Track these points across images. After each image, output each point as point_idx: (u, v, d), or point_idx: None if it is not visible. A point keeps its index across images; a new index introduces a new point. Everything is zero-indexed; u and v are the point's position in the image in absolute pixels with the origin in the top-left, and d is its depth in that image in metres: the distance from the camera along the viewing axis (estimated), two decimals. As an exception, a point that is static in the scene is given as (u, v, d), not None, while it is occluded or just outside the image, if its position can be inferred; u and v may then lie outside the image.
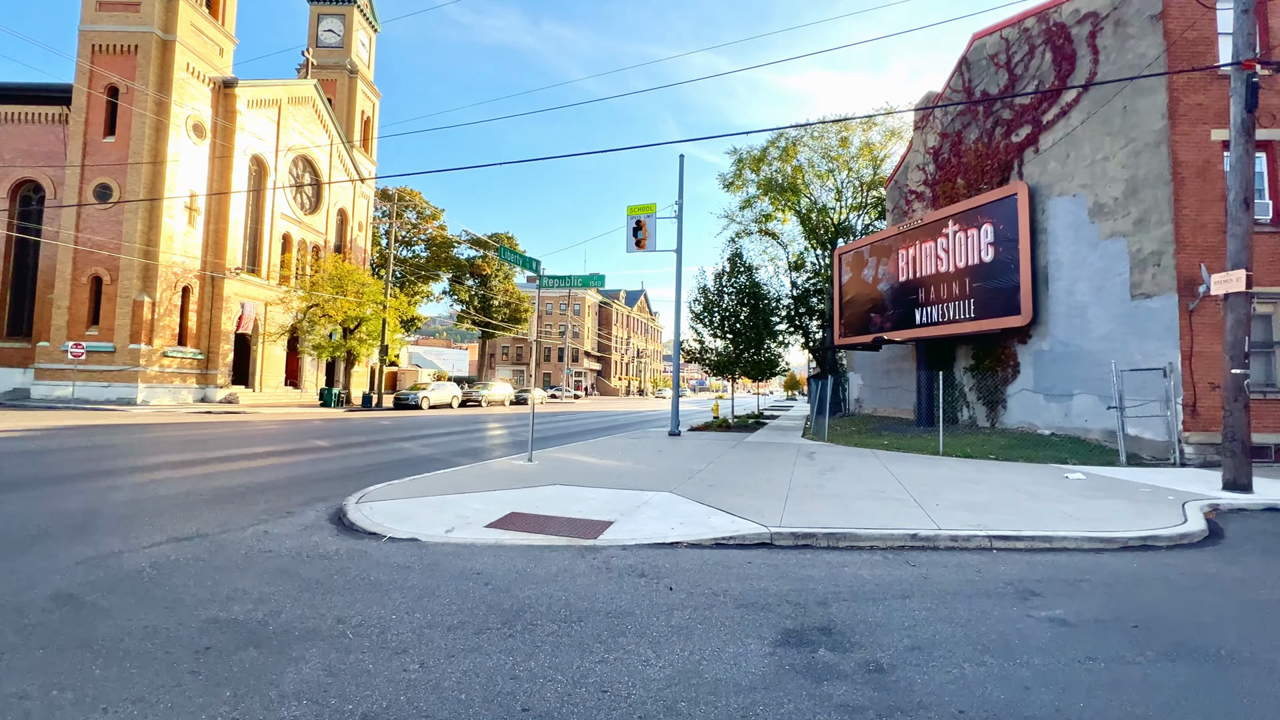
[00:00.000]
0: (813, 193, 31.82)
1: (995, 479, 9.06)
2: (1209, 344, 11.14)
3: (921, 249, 18.60)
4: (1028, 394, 15.28)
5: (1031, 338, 15.20)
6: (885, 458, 11.80)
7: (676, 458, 11.29)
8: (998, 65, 16.84)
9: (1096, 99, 13.26)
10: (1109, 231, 12.86)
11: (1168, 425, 11.22)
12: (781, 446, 14.02)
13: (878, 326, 20.53)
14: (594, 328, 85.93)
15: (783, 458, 11.62)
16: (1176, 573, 4.89)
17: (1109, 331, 12.78)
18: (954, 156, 18.95)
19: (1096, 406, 13.04)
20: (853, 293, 22.27)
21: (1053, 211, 14.57)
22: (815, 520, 6.07)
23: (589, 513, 6.48)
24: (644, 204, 16.86)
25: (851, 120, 29.43)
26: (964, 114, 18.45)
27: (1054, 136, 14.57)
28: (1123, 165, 12.54)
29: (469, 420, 23.78)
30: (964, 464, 10.92)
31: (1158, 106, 11.71)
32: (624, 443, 14.36)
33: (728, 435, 17.35)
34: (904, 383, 22.35)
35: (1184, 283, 11.22)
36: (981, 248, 16.38)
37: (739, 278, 21.07)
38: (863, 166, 30.33)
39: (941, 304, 17.68)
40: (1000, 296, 15.66)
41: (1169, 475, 9.78)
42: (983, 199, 16.34)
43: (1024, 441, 13.56)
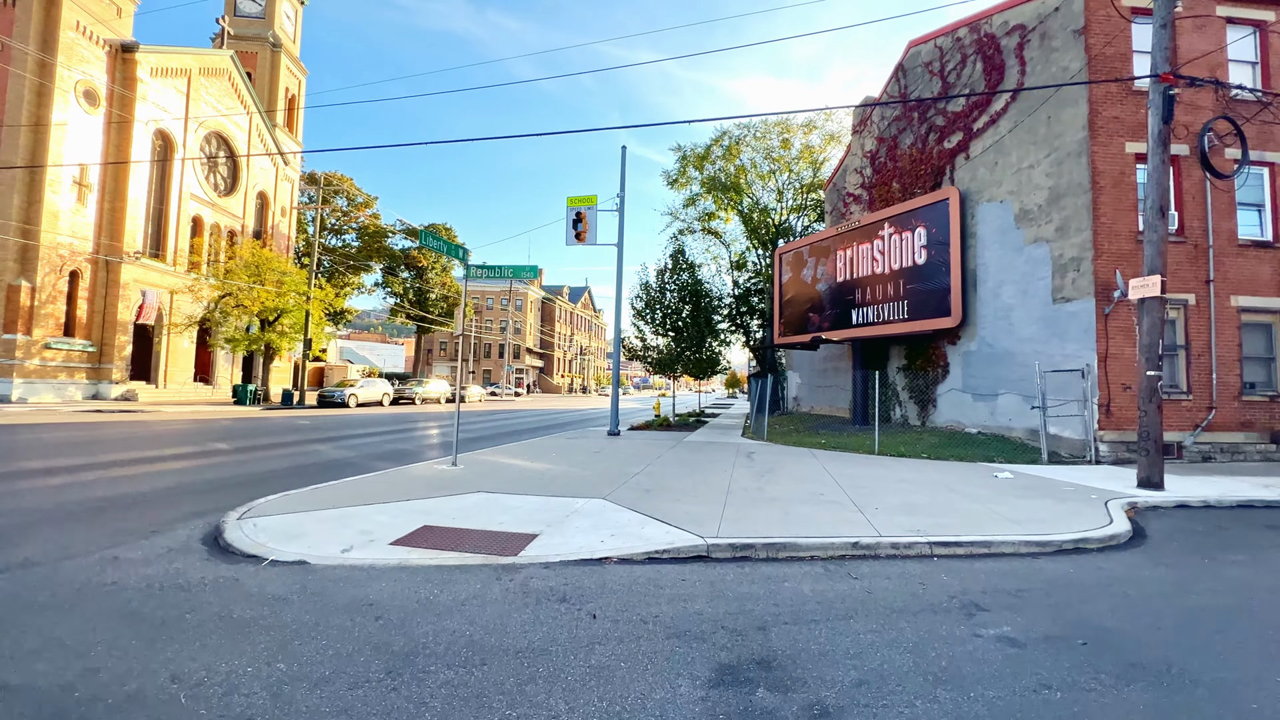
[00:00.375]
0: (755, 193, 32.07)
1: (929, 479, 9.08)
2: (1122, 347, 11.68)
3: (859, 250, 18.90)
4: (956, 393, 15.74)
5: (960, 339, 15.65)
6: (823, 458, 11.74)
7: (614, 460, 10.81)
8: (932, 73, 17.26)
9: (1023, 109, 13.71)
10: (1033, 237, 13.32)
11: (1085, 424, 11.70)
12: (721, 446, 13.80)
13: (816, 326, 20.77)
14: (536, 324, 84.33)
15: (722, 459, 11.36)
16: (1111, 577, 4.82)
17: (1032, 334, 13.25)
18: (890, 161, 19.35)
19: (1020, 406, 13.51)
20: (792, 292, 22.47)
21: (982, 216, 15.02)
22: (754, 529, 5.73)
23: (513, 524, 5.90)
24: (584, 195, 16.28)
25: (793, 122, 29.83)
26: (900, 119, 18.86)
27: (984, 144, 15.02)
28: (1046, 174, 13.00)
29: (399, 419, 22.46)
30: (899, 463, 10.99)
31: (1079, 118, 12.18)
32: (560, 443, 13.75)
33: (668, 435, 17.04)
34: (840, 382, 22.77)
35: (1101, 288, 11.71)
36: (915, 250, 16.75)
37: (681, 275, 20.83)
38: (803, 169, 30.80)
39: (877, 305, 18.00)
40: (932, 298, 16.05)
41: (1087, 473, 10.14)
42: (917, 202, 16.71)
43: (953, 440, 13.89)
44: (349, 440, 14.27)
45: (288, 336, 31.30)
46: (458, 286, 55.84)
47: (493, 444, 13.82)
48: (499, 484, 8.01)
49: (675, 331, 20.78)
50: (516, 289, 77.82)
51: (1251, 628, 3.83)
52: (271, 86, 40.97)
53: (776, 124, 29.70)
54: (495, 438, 16.05)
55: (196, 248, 33.26)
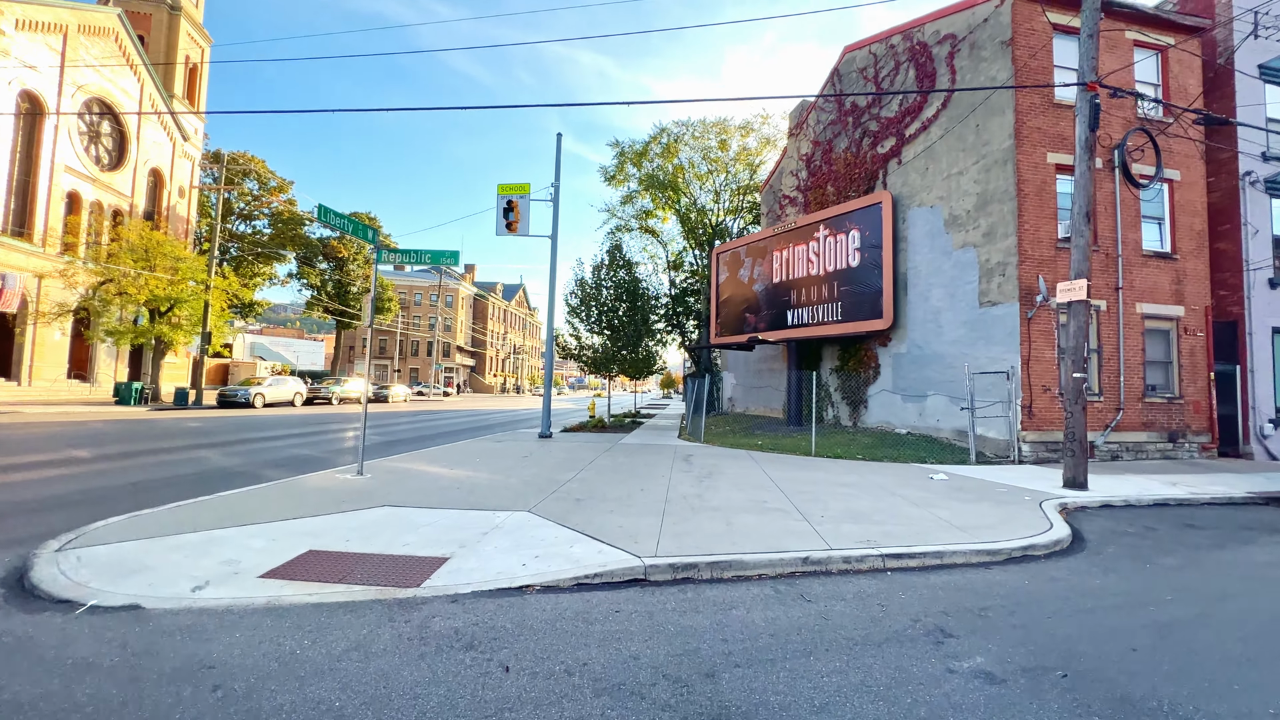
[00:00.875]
0: (693, 192, 31.96)
1: (869, 482, 8.89)
2: (1042, 350, 12.07)
3: (795, 251, 18.95)
4: (887, 394, 15.97)
5: (891, 341, 15.89)
6: (761, 460, 11.44)
7: (543, 465, 10.03)
8: (866, 78, 17.50)
9: (954, 116, 14.02)
10: (961, 242, 13.63)
11: (1009, 425, 12.00)
12: (658, 449, 13.28)
13: (752, 326, 20.71)
14: (468, 322, 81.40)
15: (659, 463, 10.82)
16: (1068, 589, 4.59)
17: (960, 336, 13.54)
18: (825, 164, 19.54)
19: (948, 407, 13.79)
20: (729, 292, 22.36)
21: (913, 221, 15.29)
22: (697, 544, 5.17)
23: (419, 545, 5.06)
24: (516, 183, 15.35)
25: (730, 124, 29.90)
26: (835, 124, 19.07)
27: (915, 150, 15.30)
28: (974, 180, 13.32)
29: (309, 421, 20.59)
30: (836, 465, 10.83)
31: (1006, 127, 12.52)
32: (486, 447, 12.79)
33: (603, 437, 16.37)
34: (774, 383, 22.87)
35: (1024, 292, 12.05)
36: (849, 253, 16.92)
37: (618, 271, 20.22)
38: (740, 170, 30.96)
39: (812, 306, 18.09)
40: (865, 300, 16.23)
41: (1014, 473, 10.32)
42: (851, 205, 16.87)
43: (885, 441, 14.01)
44: (243, 445, 12.70)
45: (183, 329, 28.23)
46: (384, 280, 52.88)
47: (411, 448, 12.68)
48: (409, 496, 7.08)
49: (611, 330, 20.14)
50: (447, 285, 74.74)
51: (1223, 644, 3.61)
52: (169, 53, 37.06)
53: (714, 124, 29.70)
54: (415, 441, 14.84)
55: (72, 227, 29.43)
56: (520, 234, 15.22)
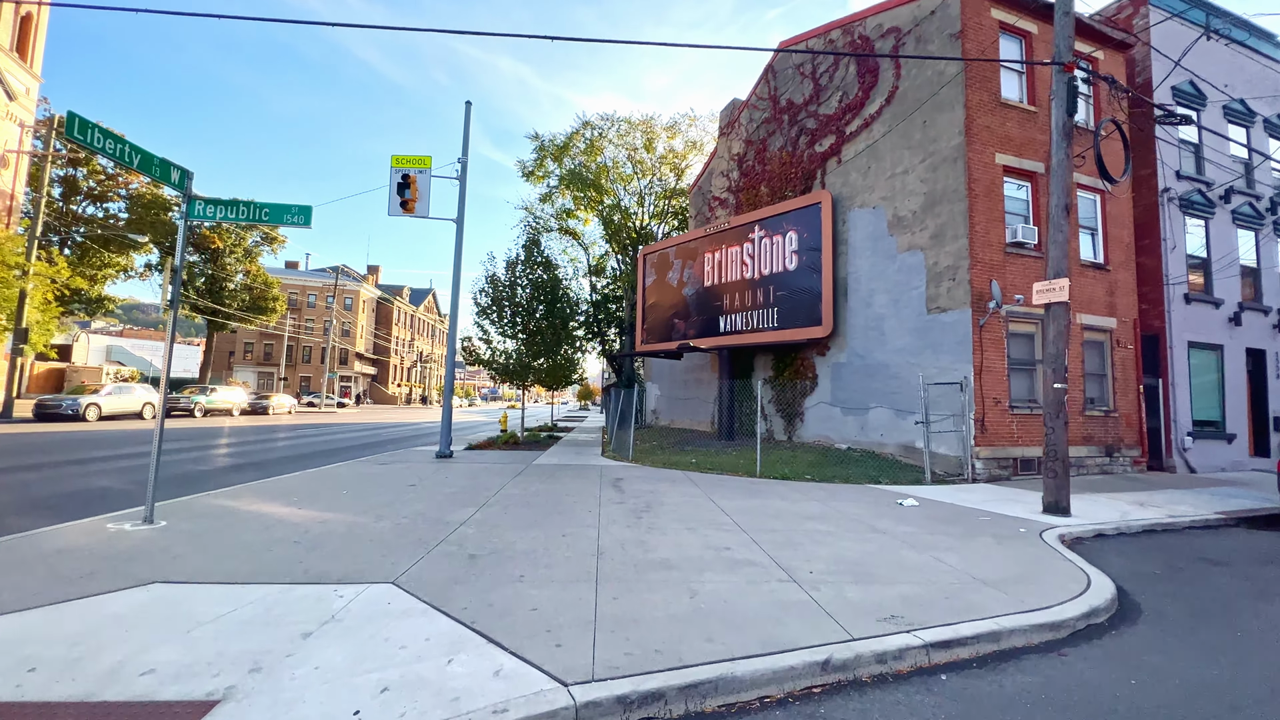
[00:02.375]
0: (616, 194, 30.42)
1: (838, 512, 7.44)
2: (994, 360, 11.34)
3: (728, 254, 17.74)
4: (825, 407, 14.94)
5: (830, 349, 14.91)
6: (704, 484, 9.79)
7: (433, 498, 7.79)
8: (803, 75, 16.67)
9: (898, 113, 13.28)
10: (907, 245, 12.82)
11: (962, 441, 11.14)
12: (580, 471, 11.32)
13: (681, 333, 19.28)
14: (370, 326, 75.15)
15: (583, 491, 8.88)
16: (1185, 687, 3.15)
17: (905, 345, 12.68)
18: (758, 164, 18.57)
19: (892, 421, 12.86)
20: (656, 297, 20.85)
21: (853, 223, 14.43)
22: (654, 640, 3.32)
23: (177, 671, 2.86)
24: (414, 155, 12.96)
25: (657, 123, 28.70)
26: (769, 121, 18.15)
27: (856, 148, 14.49)
28: (921, 179, 12.57)
29: (147, 439, 16.74)
30: (790, 489, 9.37)
31: (955, 123, 11.83)
32: (365, 472, 10.28)
33: (515, 455, 14.16)
34: (702, 394, 21.56)
35: (976, 297, 11.29)
36: (786, 255, 15.87)
37: (536, 269, 18.12)
38: (665, 173, 29.82)
39: (746, 312, 16.89)
40: (803, 306, 15.19)
41: (980, 494, 9.31)
42: (788, 205, 15.87)
43: (828, 457, 12.86)
44: (23, 473, 9.39)
45: (-12, 325, 22.80)
46: (268, 276, 46.86)
47: (268, 473, 9.91)
48: (211, 560, 4.71)
49: (528, 335, 17.96)
50: (346, 286, 68.64)
51: None
52: (-10, -6, 30.81)
53: (640, 122, 28.38)
54: (280, 464, 11.95)
55: None
56: (418, 215, 12.83)
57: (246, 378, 62.76)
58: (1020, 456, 11.51)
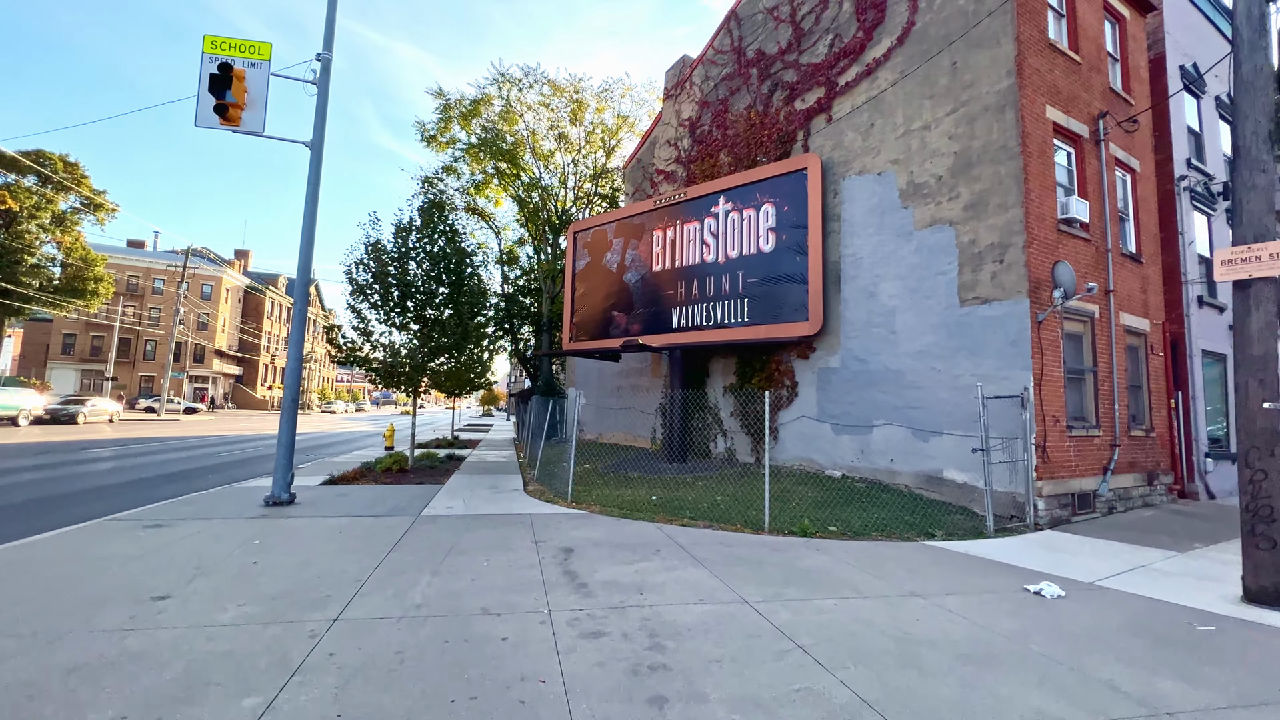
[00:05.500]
0: (535, 172, 26.31)
1: (970, 629, 4.15)
2: (1052, 367, 8.74)
3: (684, 231, 14.39)
4: (809, 423, 11.92)
5: (817, 351, 11.93)
6: (708, 556, 6.22)
7: (177, 653, 3.62)
8: (778, 19, 13.72)
9: (915, 54, 10.55)
10: (929, 219, 10.06)
11: (1022, 472, 8.38)
12: (501, 534, 7.36)
13: (622, 329, 15.67)
14: (235, 320, 64.67)
15: (514, 599, 5.00)
16: None
17: (927, 346, 9.88)
18: (717, 129, 15.43)
19: (908, 443, 10.01)
20: (589, 284, 17.11)
21: (850, 194, 11.56)
22: None
23: None
24: (244, 40, 8.40)
25: (586, 89, 24.99)
26: (733, 77, 15.07)
27: (854, 101, 11.65)
28: (949, 136, 9.86)
29: None
30: (838, 563, 6.03)
31: (1002, 61, 9.19)
32: (93, 553, 5.72)
33: (397, 496, 9.84)
34: (640, 403, 18.06)
35: (1034, 285, 8.63)
36: (760, 234, 12.77)
37: (438, 240, 13.81)
38: (594, 150, 26.15)
39: (707, 303, 13.61)
40: (782, 297, 12.14)
41: (1089, 558, 6.47)
42: (763, 172, 12.79)
43: (829, 492, 9.77)
44: None
45: None
46: (90, 251, 37.56)
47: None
48: None
49: (423, 325, 13.57)
50: (204, 271, 58.48)
51: None
52: None
53: (567, 86, 24.51)
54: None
55: None
56: (246, 130, 8.27)
57: (65, 377, 51.24)
58: (1078, 491, 8.97)
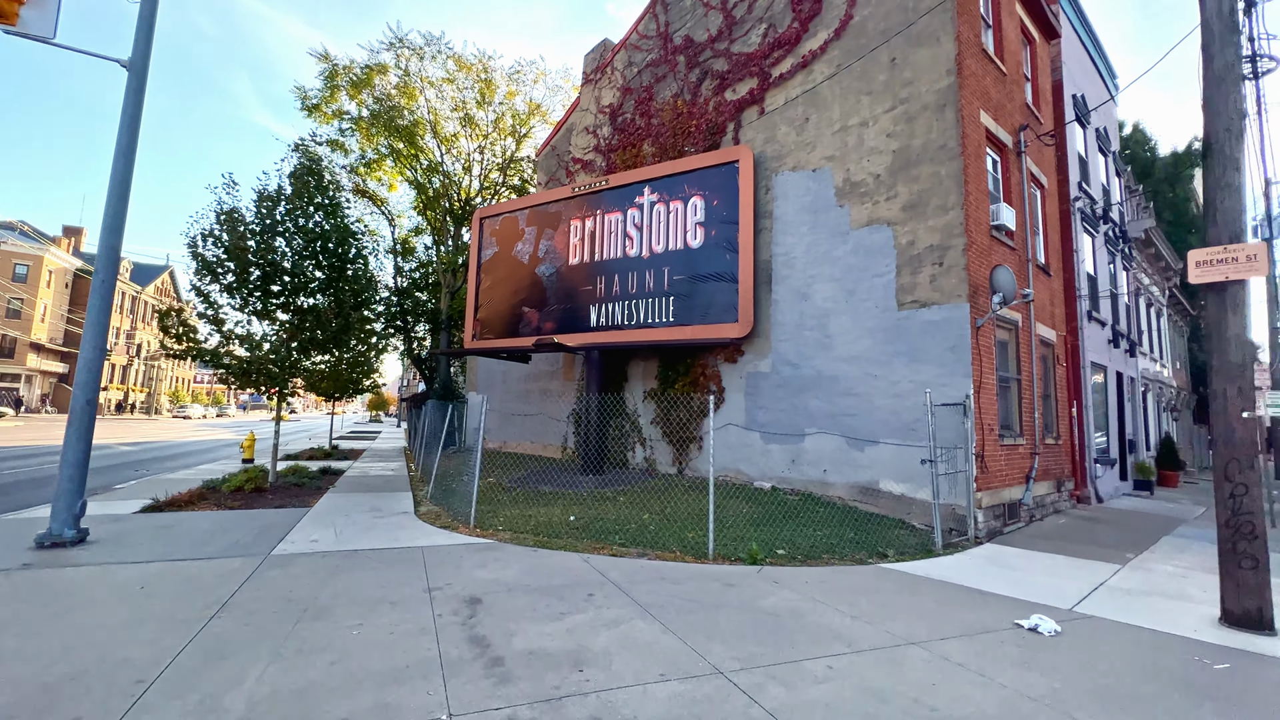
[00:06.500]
0: (437, 155, 24.08)
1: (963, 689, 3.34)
2: (988, 374, 8.54)
3: (605, 222, 13.26)
4: (737, 431, 11.19)
5: (746, 354, 11.25)
6: (654, 602, 5.08)
7: None
8: (708, 6, 13.05)
9: (852, 48, 10.18)
10: (866, 218, 9.67)
11: (964, 483, 8.03)
12: (383, 568, 5.77)
13: (533, 327, 14.22)
14: (61, 308, 54.69)
15: (397, 668, 3.57)
16: None
17: (864, 350, 9.44)
18: (641, 117, 14.50)
19: (842, 453, 9.51)
20: (498, 277, 15.48)
21: (783, 190, 11.01)
22: None
23: None
24: (30, -87, 6.17)
25: (496, 69, 23.22)
26: (658, 64, 14.21)
27: (788, 93, 11.15)
28: (888, 134, 9.52)
29: None
30: (807, 601, 5.14)
31: (942, 59, 8.96)
32: None
33: (247, 520, 7.78)
34: (550, 409, 16.61)
35: (974, 289, 8.39)
36: (688, 228, 11.94)
37: (313, 212, 11.65)
38: (503, 136, 24.39)
39: (629, 301, 12.55)
40: (711, 296, 11.36)
41: (1045, 576, 6.07)
42: (692, 163, 11.99)
43: (763, 506, 9.02)
44: None
45: None
46: None
47: None
48: None
49: (298, 312, 11.35)
50: (16, 248, 48.98)
51: None
52: None
53: (475, 63, 22.61)
54: None
55: None
56: (32, 33, 6.05)
57: None
58: (1008, 501, 8.85)
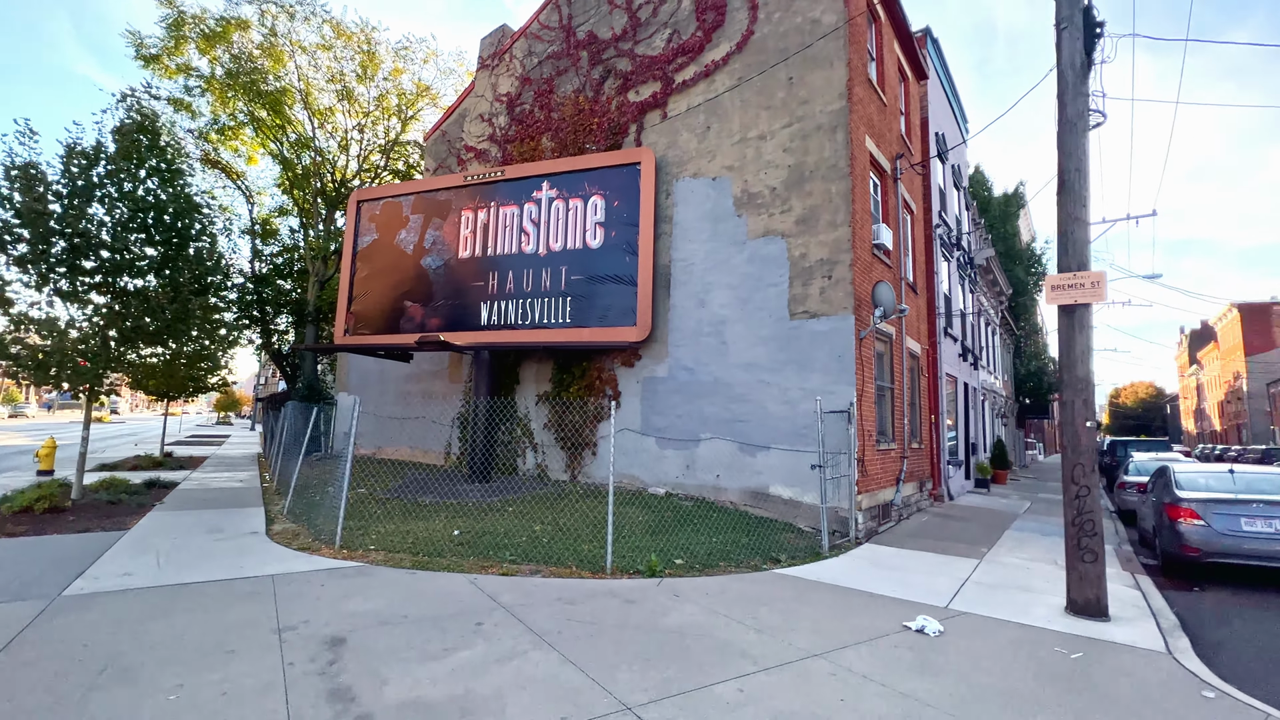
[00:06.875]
0: (308, 130, 21.74)
1: (869, 702, 3.39)
2: (868, 382, 9.10)
3: (500, 216, 12.56)
4: (633, 436, 11.04)
5: (643, 359, 11.15)
6: (551, 630, 4.68)
7: None
8: (612, 4, 12.86)
9: (753, 63, 10.46)
10: (763, 229, 9.95)
11: (846, 486, 8.44)
12: (219, 606, 4.84)
13: (417, 323, 13.14)
14: None
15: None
16: None
17: (758, 358, 9.68)
18: (540, 110, 13.97)
19: (736, 458, 9.68)
20: (377, 266, 14.15)
21: (683, 196, 11.07)
22: None
23: None
24: None
25: (380, 43, 21.43)
26: (560, 57, 13.79)
27: (690, 100, 11.24)
28: (784, 149, 9.87)
29: None
30: (709, 614, 5.01)
31: (835, 83, 9.44)
32: None
33: (36, 550, 6.26)
34: (433, 411, 15.47)
35: (859, 303, 8.89)
36: (588, 227, 11.63)
37: (145, 177, 9.79)
38: (387, 116, 22.56)
39: (524, 299, 11.98)
40: (609, 298, 11.14)
41: (914, 575, 6.49)
42: (594, 160, 11.72)
43: (659, 514, 8.92)
44: None
45: None
46: None
47: None
48: None
49: (118, 296, 9.48)
50: None
51: None
52: None
53: (358, 33, 20.69)
54: None
55: None
56: None
57: None
58: (883, 502, 9.48)
